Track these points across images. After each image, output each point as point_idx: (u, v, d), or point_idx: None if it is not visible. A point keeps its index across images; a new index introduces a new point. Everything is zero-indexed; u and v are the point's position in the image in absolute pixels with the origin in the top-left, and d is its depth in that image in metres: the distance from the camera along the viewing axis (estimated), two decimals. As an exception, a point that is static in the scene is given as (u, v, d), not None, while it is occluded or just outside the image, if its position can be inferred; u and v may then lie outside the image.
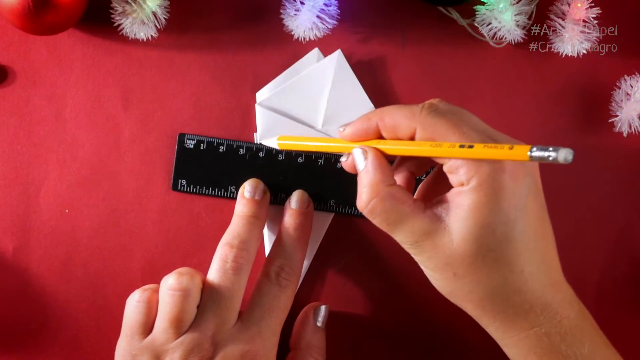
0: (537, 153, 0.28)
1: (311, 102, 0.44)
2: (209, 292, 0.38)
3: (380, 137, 0.35)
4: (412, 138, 0.33)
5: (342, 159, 0.36)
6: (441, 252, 0.32)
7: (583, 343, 0.33)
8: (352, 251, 0.44)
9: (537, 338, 0.32)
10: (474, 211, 0.31)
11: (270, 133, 0.43)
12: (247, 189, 0.42)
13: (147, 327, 0.38)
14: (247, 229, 0.40)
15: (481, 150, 0.30)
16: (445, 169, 0.33)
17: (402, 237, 0.33)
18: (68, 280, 0.44)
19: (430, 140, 0.32)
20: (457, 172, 0.32)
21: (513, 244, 0.31)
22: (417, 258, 0.34)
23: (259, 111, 0.43)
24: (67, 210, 0.44)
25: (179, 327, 0.37)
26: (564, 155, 0.27)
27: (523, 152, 0.29)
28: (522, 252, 0.32)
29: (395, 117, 0.34)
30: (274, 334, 0.39)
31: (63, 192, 0.44)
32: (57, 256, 0.44)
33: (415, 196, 0.37)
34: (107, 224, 0.44)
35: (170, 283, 0.37)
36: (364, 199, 0.33)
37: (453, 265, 0.32)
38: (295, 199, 0.42)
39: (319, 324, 0.42)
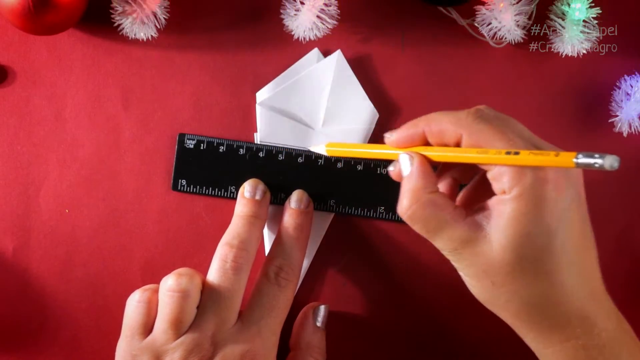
0: (582, 160, 0.28)
1: (311, 102, 0.44)
2: (208, 292, 0.38)
3: (426, 144, 0.35)
4: (458, 144, 0.33)
5: (390, 168, 0.36)
6: (480, 260, 0.32)
7: (621, 356, 0.32)
8: (352, 251, 0.44)
9: (574, 350, 0.32)
10: (514, 220, 0.31)
11: (271, 133, 0.43)
12: (247, 189, 0.42)
13: (147, 328, 0.38)
14: (247, 229, 0.40)
15: (527, 157, 0.30)
16: (489, 176, 0.33)
17: (442, 244, 0.33)
18: (68, 280, 0.44)
19: (476, 146, 0.32)
20: (500, 180, 0.32)
21: (553, 256, 0.31)
22: (456, 265, 0.34)
23: (259, 111, 0.43)
24: (67, 210, 0.44)
25: (178, 328, 0.37)
26: (609, 162, 0.27)
27: (568, 158, 0.29)
28: (562, 264, 0.31)
29: (442, 123, 0.33)
30: (274, 333, 0.39)
31: (63, 192, 0.44)
32: (57, 256, 0.44)
33: (457, 203, 0.37)
34: (107, 224, 0.44)
35: (169, 284, 0.37)
36: (405, 204, 0.33)
37: (491, 273, 0.32)
38: (295, 199, 0.42)
39: (318, 324, 0.42)
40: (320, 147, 0.41)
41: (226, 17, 0.44)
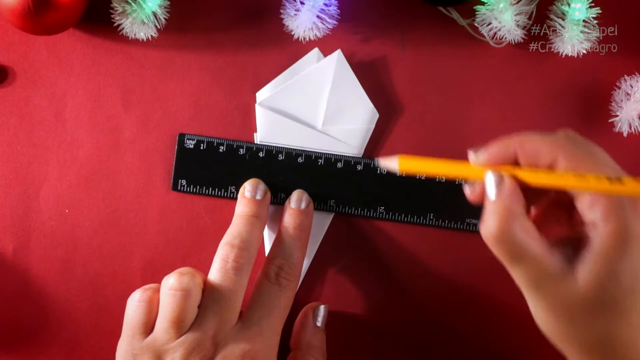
0: None
1: (311, 102, 0.44)
2: (210, 292, 0.38)
3: (513, 164, 0.32)
4: (550, 167, 0.31)
5: (468, 190, 0.33)
6: (562, 295, 0.30)
7: None
8: (352, 251, 0.44)
9: None
10: (605, 256, 0.29)
11: (271, 133, 0.43)
12: (247, 189, 0.42)
13: (148, 327, 0.38)
14: (247, 229, 0.40)
15: (633, 186, 0.28)
16: (579, 204, 0.31)
17: (522, 273, 0.31)
18: (68, 280, 0.44)
19: (572, 170, 0.30)
20: (592, 210, 0.30)
21: (636, 296, 0.29)
22: (530, 297, 0.32)
23: (259, 111, 0.43)
24: (67, 210, 0.44)
25: (180, 327, 0.37)
26: None
27: None
28: None
29: (537, 144, 0.31)
30: (275, 333, 0.39)
31: (63, 192, 0.44)
32: (57, 256, 0.44)
33: None
34: (107, 224, 0.44)
35: (171, 283, 0.37)
36: (490, 226, 0.31)
37: (571, 310, 0.30)
38: (295, 199, 0.42)
39: (318, 323, 0.42)
40: (392, 161, 0.35)
41: (226, 17, 0.44)
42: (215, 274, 0.38)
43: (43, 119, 0.44)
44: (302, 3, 0.42)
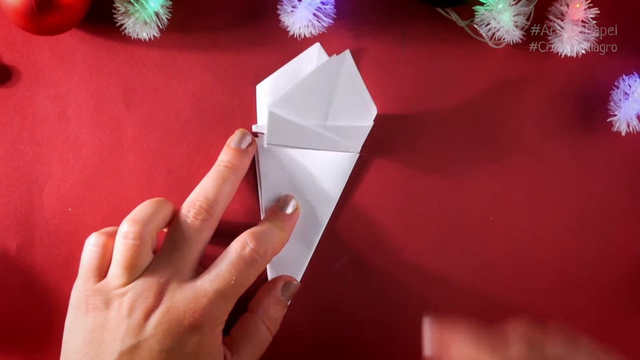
0: None
1: (316, 103, 0.42)
2: (167, 240, 0.39)
3: None
4: None
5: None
6: None
7: None
8: (352, 250, 0.44)
9: None
10: None
11: (280, 135, 0.43)
12: (233, 140, 0.42)
13: (102, 271, 0.39)
14: (217, 184, 0.40)
15: None
16: None
17: None
18: (71, 278, 0.44)
19: None
20: None
21: None
22: None
23: (266, 112, 0.42)
24: (70, 209, 0.44)
25: (131, 274, 0.38)
26: None
27: None
28: None
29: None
30: (226, 300, 0.38)
31: (66, 191, 0.44)
32: (61, 255, 0.44)
33: None
34: (109, 222, 0.44)
35: (123, 231, 0.38)
36: None
37: None
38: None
39: (283, 297, 0.42)
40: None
41: (228, 16, 0.44)
42: (176, 225, 0.39)
43: (46, 118, 0.44)
44: (299, 0, 0.42)
